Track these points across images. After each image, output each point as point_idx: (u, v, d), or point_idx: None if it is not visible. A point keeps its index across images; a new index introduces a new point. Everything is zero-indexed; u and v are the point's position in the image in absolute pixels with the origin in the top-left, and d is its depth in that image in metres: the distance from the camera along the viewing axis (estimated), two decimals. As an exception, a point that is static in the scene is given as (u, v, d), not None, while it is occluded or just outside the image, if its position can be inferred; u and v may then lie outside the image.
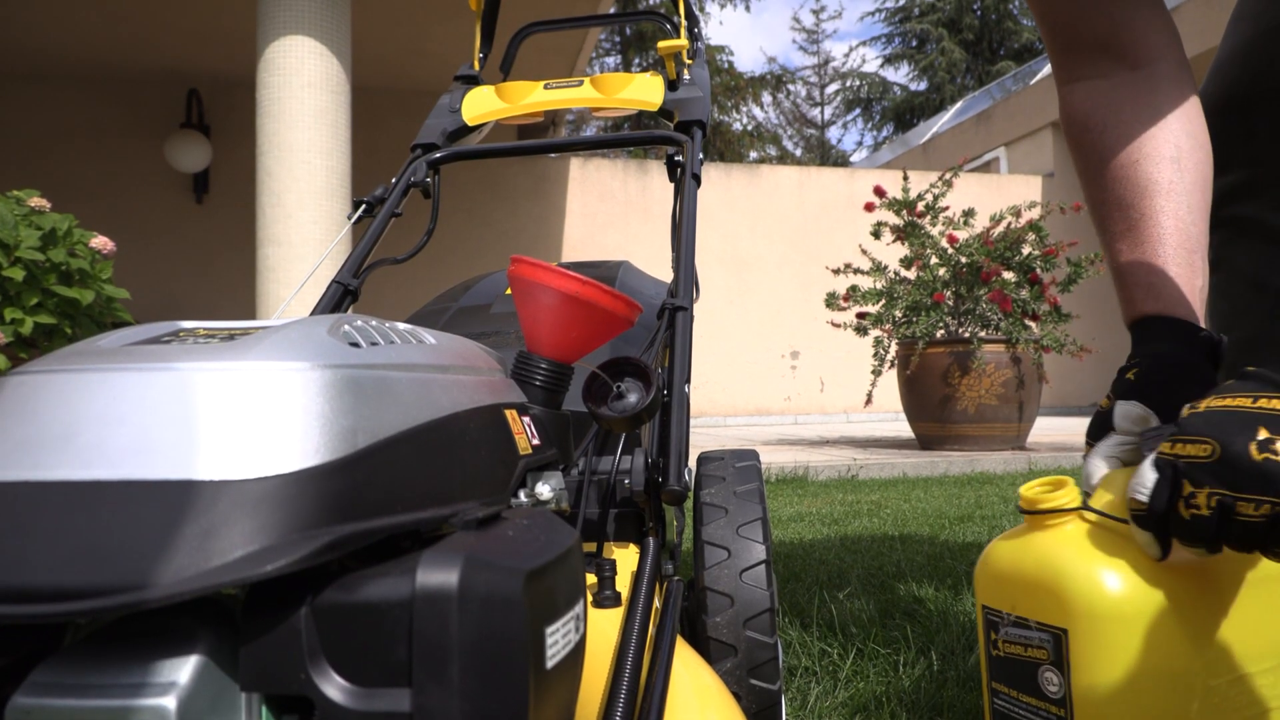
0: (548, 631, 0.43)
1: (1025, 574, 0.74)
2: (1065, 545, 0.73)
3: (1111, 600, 0.69)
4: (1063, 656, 0.70)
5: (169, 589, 0.36)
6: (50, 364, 0.43)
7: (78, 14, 6.40)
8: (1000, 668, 0.77)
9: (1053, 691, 0.72)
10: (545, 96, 1.44)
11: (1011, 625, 0.75)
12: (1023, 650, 0.74)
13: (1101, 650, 0.69)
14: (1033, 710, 0.74)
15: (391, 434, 0.45)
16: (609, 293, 0.71)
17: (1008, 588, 0.76)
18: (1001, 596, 0.76)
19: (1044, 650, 0.72)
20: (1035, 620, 0.73)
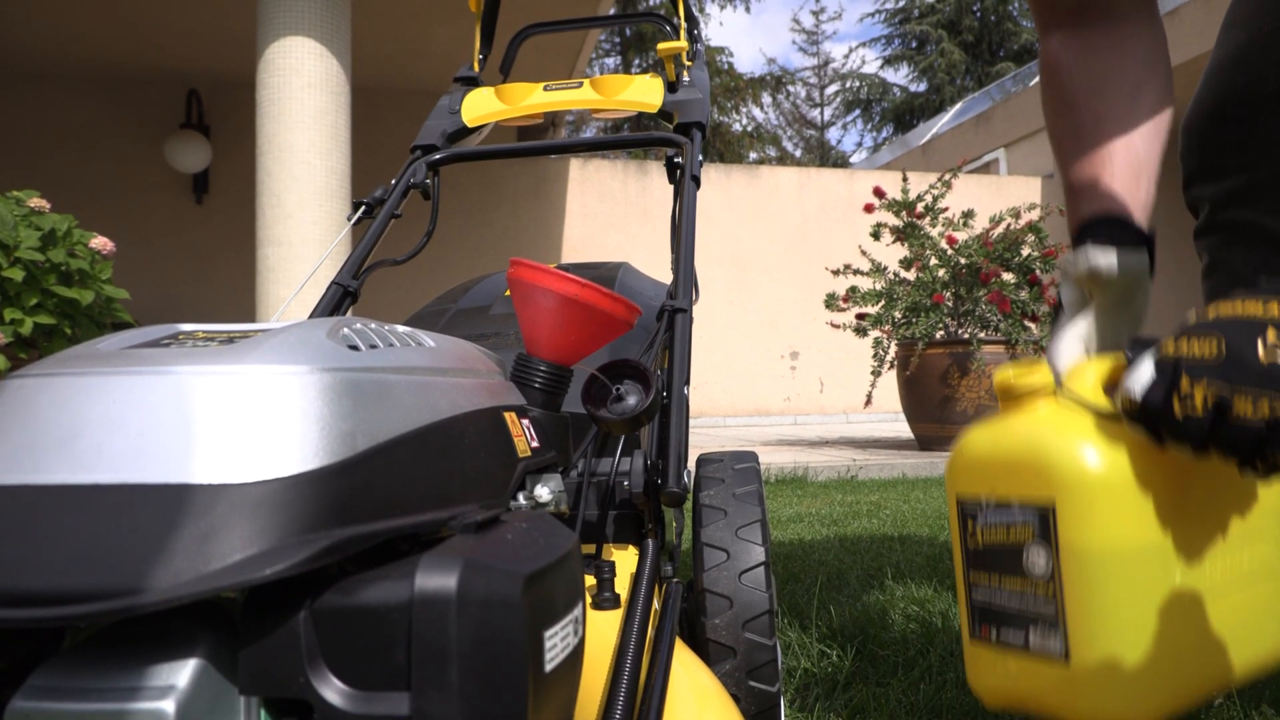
0: (547, 635, 0.43)
1: (1007, 454, 0.74)
2: (1048, 421, 0.73)
3: (1098, 469, 0.69)
4: (1050, 530, 0.70)
5: (168, 593, 0.36)
6: (50, 367, 0.43)
7: (77, 14, 6.40)
8: (979, 559, 0.75)
9: (1039, 569, 0.71)
10: (545, 98, 1.44)
11: (992, 510, 0.74)
12: (1005, 534, 0.73)
13: (1089, 520, 0.69)
14: (1017, 594, 0.73)
15: (390, 437, 0.45)
16: (608, 295, 0.71)
17: (987, 472, 0.75)
18: (980, 482, 0.75)
19: (1029, 528, 0.71)
20: (1019, 498, 0.72)
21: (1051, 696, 0.72)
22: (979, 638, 0.76)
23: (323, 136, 4.37)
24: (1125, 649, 0.70)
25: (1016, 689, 0.74)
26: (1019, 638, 0.73)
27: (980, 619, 0.76)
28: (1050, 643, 0.71)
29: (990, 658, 0.75)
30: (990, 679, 0.76)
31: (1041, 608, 0.71)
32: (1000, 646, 0.74)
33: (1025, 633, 0.72)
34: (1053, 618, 0.71)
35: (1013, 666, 0.73)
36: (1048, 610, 0.71)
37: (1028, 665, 0.72)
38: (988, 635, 0.75)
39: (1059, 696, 0.71)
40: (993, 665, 0.75)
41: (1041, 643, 0.71)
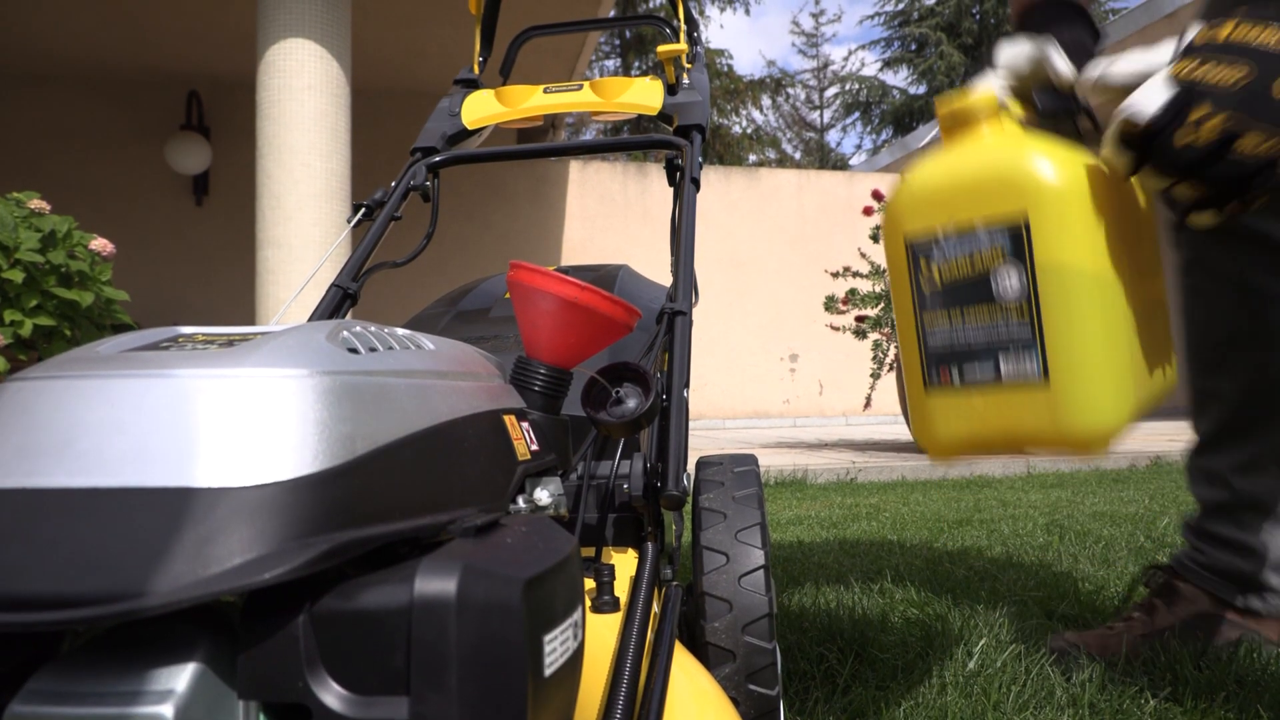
0: (546, 639, 0.43)
1: (968, 177, 0.71)
2: (1009, 139, 0.72)
3: (1069, 181, 0.69)
4: (1024, 247, 0.68)
5: (166, 597, 0.36)
6: (49, 370, 0.43)
7: (78, 16, 6.40)
8: (935, 300, 0.72)
9: (1012, 291, 0.69)
10: (545, 100, 1.44)
11: (952, 242, 0.71)
12: (969, 264, 0.70)
13: (1064, 232, 0.68)
14: (985, 326, 0.70)
15: (390, 440, 0.45)
16: (608, 298, 0.71)
17: (945, 201, 0.72)
18: (935, 215, 0.72)
19: (998, 251, 0.69)
20: (984, 221, 0.70)
21: (1027, 422, 0.70)
22: (937, 384, 0.73)
23: (323, 138, 4.37)
24: (1097, 362, 0.69)
25: (982, 429, 0.71)
26: (987, 371, 0.70)
27: (937, 364, 0.72)
28: (1026, 365, 0.69)
29: (950, 404, 0.72)
30: (949, 426, 0.73)
31: (1015, 332, 0.69)
32: (963, 387, 0.71)
33: (994, 364, 0.70)
34: (1028, 339, 0.69)
35: (979, 404, 0.71)
36: (1022, 333, 0.69)
37: (998, 397, 0.70)
38: (947, 379, 0.72)
39: (1036, 420, 0.69)
40: (953, 410, 0.72)
41: (1016, 369, 0.69)
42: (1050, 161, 0.69)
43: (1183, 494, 3.29)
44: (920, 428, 0.75)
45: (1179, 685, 1.17)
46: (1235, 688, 1.15)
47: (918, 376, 0.74)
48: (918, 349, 0.73)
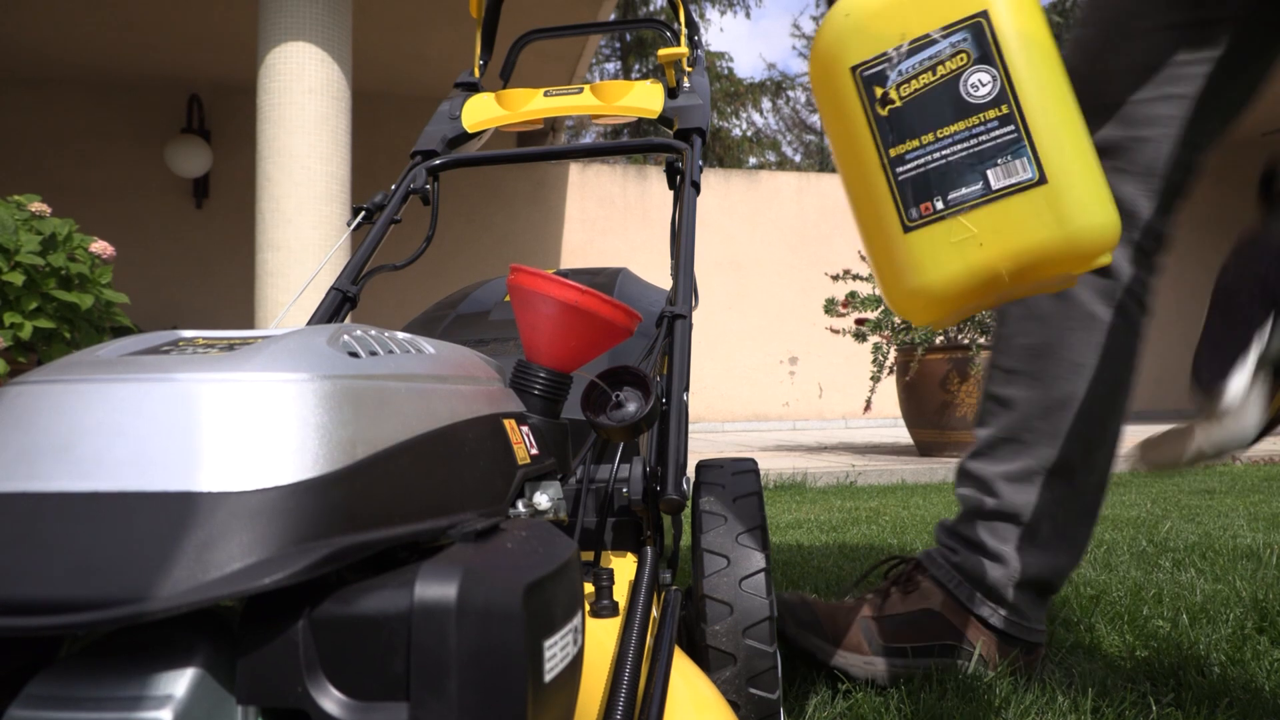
0: (546, 644, 0.43)
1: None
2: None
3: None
4: (989, 42, 0.65)
5: (166, 602, 0.36)
6: (49, 374, 0.43)
7: (79, 19, 6.40)
8: (901, 123, 0.67)
9: (986, 92, 0.65)
10: (545, 104, 1.44)
11: (908, 57, 0.67)
12: (932, 75, 0.66)
13: (1027, 16, 0.66)
14: (964, 138, 0.66)
15: (390, 445, 0.45)
16: (608, 302, 0.71)
17: (891, 17, 0.68)
18: (884, 32, 0.68)
19: (962, 53, 0.66)
20: (940, 26, 0.66)
21: (1031, 233, 0.65)
22: (920, 219, 0.67)
23: (323, 141, 4.37)
24: (1086, 150, 0.66)
25: (981, 256, 0.66)
26: (975, 186, 0.66)
27: (917, 197, 0.67)
28: (1019, 168, 0.65)
29: (938, 238, 0.67)
30: (942, 265, 0.67)
31: (999, 136, 0.65)
32: (951, 213, 0.66)
33: (982, 177, 0.65)
34: (1015, 139, 0.65)
35: (974, 226, 0.66)
36: (1006, 134, 0.65)
37: (994, 213, 0.65)
38: (930, 210, 0.67)
39: (1041, 227, 0.65)
40: (943, 244, 0.67)
41: (1007, 175, 0.65)
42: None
43: (1185, 497, 3.29)
44: (902, 283, 0.68)
45: (1182, 691, 1.16)
46: (1239, 694, 1.15)
47: (892, 222, 0.67)
48: (888, 191, 0.67)
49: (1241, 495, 3.33)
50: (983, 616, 1.26)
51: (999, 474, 1.29)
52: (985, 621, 1.26)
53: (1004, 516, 1.28)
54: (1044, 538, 1.27)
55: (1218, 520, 2.67)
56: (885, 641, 1.23)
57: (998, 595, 1.27)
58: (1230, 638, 1.38)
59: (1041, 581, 1.27)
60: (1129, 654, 1.35)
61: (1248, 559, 2.05)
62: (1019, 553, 1.26)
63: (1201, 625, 1.46)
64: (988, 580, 1.27)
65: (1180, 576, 1.86)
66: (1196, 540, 2.32)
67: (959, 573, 1.29)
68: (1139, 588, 1.74)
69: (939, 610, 1.27)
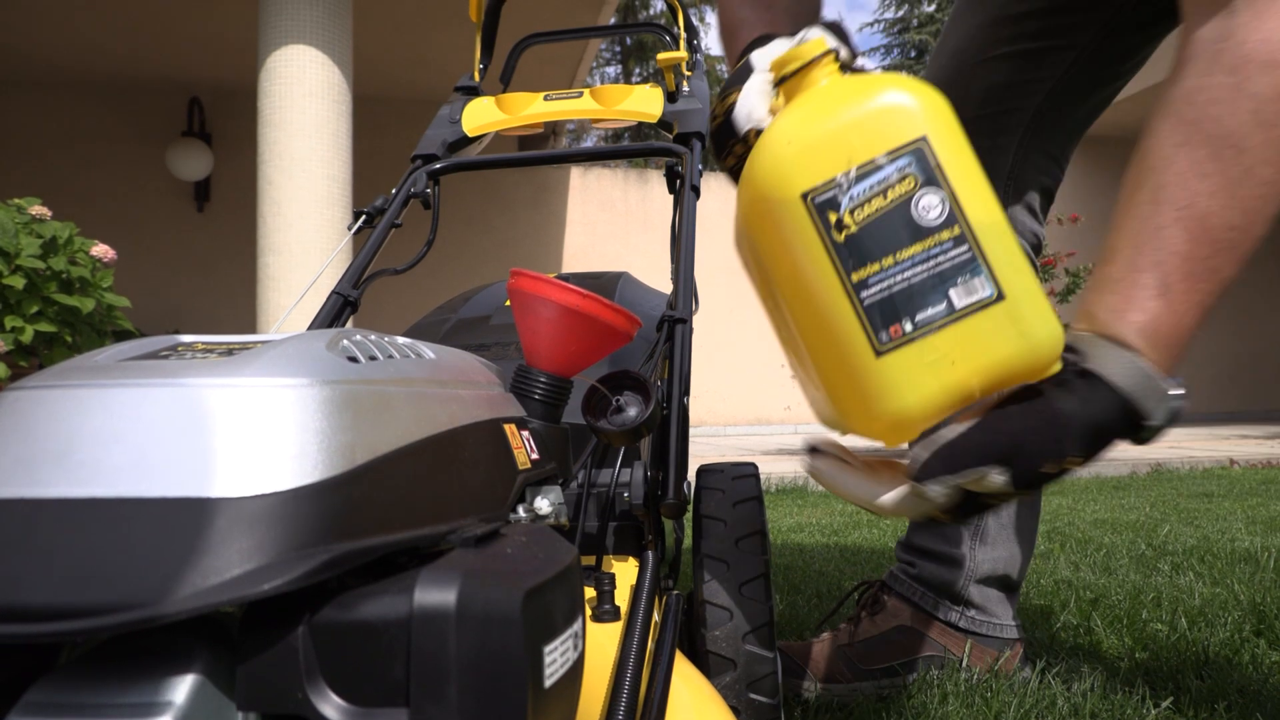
0: (546, 650, 0.43)
1: (852, 118, 0.69)
2: (866, 77, 0.72)
3: (938, 96, 0.70)
4: (932, 167, 0.67)
5: (165, 608, 0.36)
6: (48, 379, 0.43)
7: (80, 22, 6.41)
8: (859, 246, 0.68)
9: (936, 214, 0.67)
10: (545, 107, 1.44)
11: (857, 181, 0.68)
12: (884, 198, 0.68)
13: (960, 143, 0.69)
14: (922, 259, 0.67)
15: (390, 450, 0.45)
16: (609, 306, 0.71)
17: (836, 146, 0.69)
18: (831, 161, 0.69)
19: (909, 177, 0.67)
20: (885, 152, 0.68)
21: (997, 348, 0.67)
22: (890, 343, 0.68)
23: (324, 145, 4.38)
24: (1029, 268, 0.69)
25: (953, 374, 0.67)
26: (940, 307, 0.67)
27: (885, 320, 0.68)
28: (979, 286, 0.67)
29: (912, 359, 0.68)
30: (918, 386, 0.68)
31: (955, 255, 0.67)
32: (921, 335, 0.67)
33: (946, 298, 0.67)
34: (972, 259, 0.67)
35: (944, 345, 0.67)
36: (963, 253, 0.67)
37: (960, 331, 0.67)
38: (900, 333, 0.68)
39: (1005, 342, 0.67)
40: (918, 363, 0.68)
41: (969, 295, 0.67)
42: (919, 85, 0.71)
43: (1184, 501, 3.29)
44: (876, 408, 0.69)
45: (1181, 694, 1.16)
46: (1236, 697, 1.15)
47: (861, 348, 0.68)
48: (855, 317, 0.68)
49: (1239, 499, 3.33)
50: (951, 621, 1.29)
51: None
52: (955, 625, 1.28)
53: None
54: (992, 534, 1.29)
55: (1216, 524, 2.67)
56: (865, 665, 1.24)
57: (960, 598, 1.29)
58: (1228, 641, 1.38)
59: (998, 576, 1.29)
60: (1128, 657, 1.35)
61: (1246, 562, 2.04)
62: (971, 552, 1.29)
63: (1200, 628, 1.46)
64: (947, 585, 1.29)
65: (1179, 580, 1.86)
66: (1195, 544, 2.32)
67: (920, 584, 1.31)
68: (1138, 591, 1.74)
69: (910, 625, 1.29)
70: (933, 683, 1.22)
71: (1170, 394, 0.68)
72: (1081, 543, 2.40)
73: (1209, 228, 0.68)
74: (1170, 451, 5.21)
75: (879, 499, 0.73)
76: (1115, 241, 0.72)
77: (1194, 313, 0.69)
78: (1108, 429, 0.68)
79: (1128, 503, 3.29)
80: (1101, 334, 0.70)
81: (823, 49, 0.74)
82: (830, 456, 0.77)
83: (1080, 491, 3.71)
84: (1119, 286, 0.70)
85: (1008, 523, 1.29)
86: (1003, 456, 0.66)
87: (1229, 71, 0.69)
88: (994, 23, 1.23)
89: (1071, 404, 0.67)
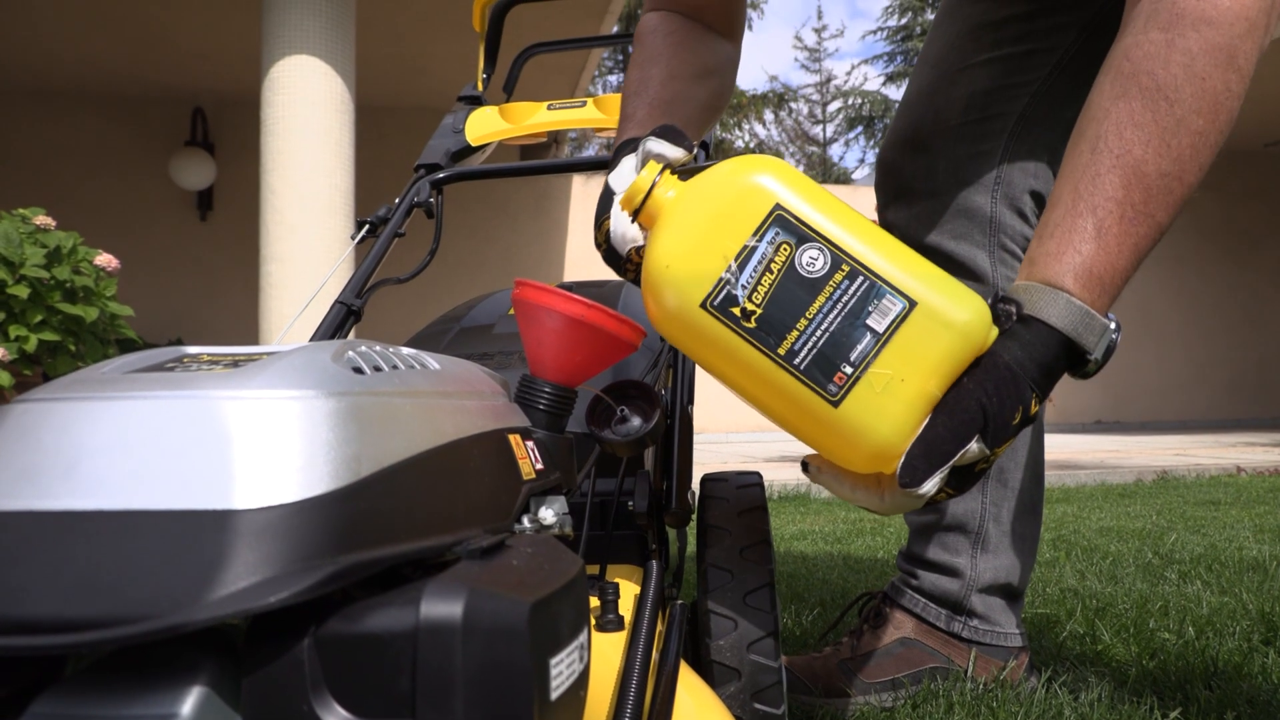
0: (552, 662, 0.43)
1: (713, 217, 0.73)
2: (705, 175, 0.75)
3: (768, 158, 0.75)
4: (797, 226, 0.71)
5: (171, 621, 0.36)
6: (53, 392, 0.43)
7: (83, 33, 6.44)
8: (771, 321, 0.71)
9: (823, 264, 0.70)
10: (548, 117, 1.44)
11: (742, 267, 0.71)
12: (771, 273, 0.71)
13: (806, 189, 0.72)
14: (831, 307, 0.70)
15: (395, 461, 0.45)
16: (614, 317, 0.71)
17: (712, 248, 0.72)
18: (710, 264, 0.72)
19: (784, 244, 0.71)
20: (752, 234, 0.71)
21: (934, 347, 0.69)
22: (840, 390, 0.70)
23: (327, 154, 4.39)
24: (922, 262, 0.72)
25: (907, 389, 0.70)
26: (867, 339, 0.70)
27: (825, 373, 0.70)
28: (890, 305, 0.70)
29: (865, 394, 0.70)
30: (884, 412, 0.70)
31: (856, 289, 0.70)
32: (863, 370, 0.70)
33: (868, 329, 0.70)
34: (870, 285, 0.70)
35: (887, 369, 0.70)
36: (861, 284, 0.70)
37: (895, 351, 0.69)
38: (844, 378, 0.70)
39: (938, 338, 0.69)
40: (872, 395, 0.70)
41: (885, 317, 0.70)
42: (751, 160, 0.75)
43: (1191, 509, 3.28)
44: (861, 449, 0.72)
45: (1189, 704, 1.16)
46: (1246, 707, 1.14)
47: (818, 405, 0.71)
48: (798, 383, 0.71)
49: (1247, 507, 3.32)
50: (954, 632, 1.28)
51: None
52: (958, 636, 1.27)
53: (950, 529, 1.30)
54: (993, 541, 1.29)
55: (1223, 532, 2.66)
56: (869, 679, 1.24)
57: (963, 608, 1.28)
58: (1238, 650, 1.38)
59: (1001, 585, 1.29)
60: (1135, 666, 1.34)
61: (1254, 571, 2.04)
62: (972, 561, 1.28)
63: (1208, 638, 1.45)
64: (949, 595, 1.28)
65: (1186, 589, 1.86)
66: (1202, 552, 2.31)
67: (922, 595, 1.30)
68: (1145, 600, 1.73)
69: (913, 637, 1.28)
70: (938, 693, 1.21)
71: (1108, 329, 0.72)
72: (1087, 551, 2.39)
73: (1143, 175, 0.72)
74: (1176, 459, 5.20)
75: (880, 503, 0.75)
76: (1058, 190, 0.76)
77: (1127, 255, 0.73)
78: (1055, 367, 0.72)
79: (1134, 511, 3.28)
80: (1039, 281, 0.74)
81: (656, 171, 0.78)
82: (827, 466, 0.78)
83: (1086, 499, 3.70)
84: (1057, 231, 0.74)
85: (1008, 530, 1.29)
86: (975, 428, 0.69)
87: (1163, 28, 0.73)
88: (974, 29, 1.24)
89: (1017, 352, 0.71)
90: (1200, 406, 10.23)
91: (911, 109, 1.30)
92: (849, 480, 0.77)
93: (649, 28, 1.11)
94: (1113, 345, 0.73)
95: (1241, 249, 10.18)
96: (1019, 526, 1.30)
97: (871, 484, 0.75)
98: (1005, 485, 1.28)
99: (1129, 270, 0.74)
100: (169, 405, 0.41)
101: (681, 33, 1.09)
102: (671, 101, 1.02)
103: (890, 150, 1.33)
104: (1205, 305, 10.19)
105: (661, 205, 0.77)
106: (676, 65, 1.05)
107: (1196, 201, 1.23)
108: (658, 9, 1.12)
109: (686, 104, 1.02)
